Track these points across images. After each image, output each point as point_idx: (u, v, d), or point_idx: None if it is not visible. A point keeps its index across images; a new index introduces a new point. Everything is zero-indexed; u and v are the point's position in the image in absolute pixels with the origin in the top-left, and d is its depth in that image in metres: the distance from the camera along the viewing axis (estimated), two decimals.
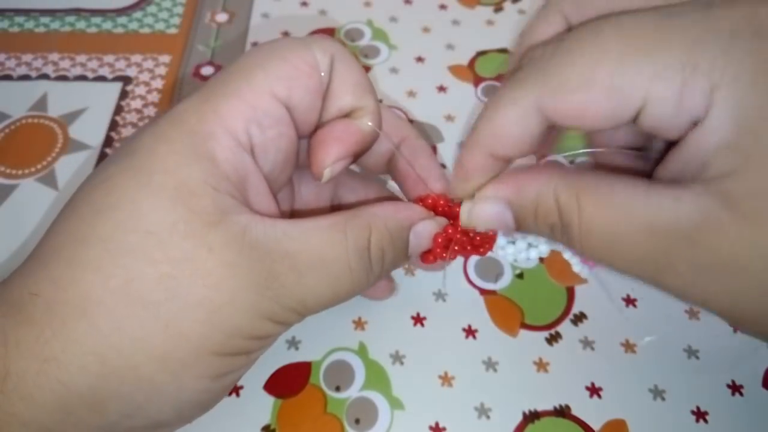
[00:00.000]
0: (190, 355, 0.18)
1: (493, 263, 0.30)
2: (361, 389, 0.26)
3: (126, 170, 0.18)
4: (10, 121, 0.35)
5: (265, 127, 0.20)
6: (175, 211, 0.18)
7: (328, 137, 0.21)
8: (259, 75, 0.20)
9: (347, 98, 0.21)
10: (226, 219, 0.18)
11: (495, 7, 0.41)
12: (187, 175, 0.18)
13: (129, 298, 0.17)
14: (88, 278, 0.17)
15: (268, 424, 0.25)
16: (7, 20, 0.40)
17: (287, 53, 0.20)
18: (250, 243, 0.18)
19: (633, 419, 0.25)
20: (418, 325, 0.28)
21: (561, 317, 0.28)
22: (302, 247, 0.19)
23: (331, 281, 0.20)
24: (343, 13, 0.40)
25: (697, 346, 0.27)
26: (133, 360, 0.17)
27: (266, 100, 0.20)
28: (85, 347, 0.17)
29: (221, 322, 0.18)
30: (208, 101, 0.19)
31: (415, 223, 0.22)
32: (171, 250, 0.17)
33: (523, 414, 0.25)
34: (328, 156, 0.21)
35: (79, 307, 0.17)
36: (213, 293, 0.18)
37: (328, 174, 0.21)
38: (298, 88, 0.20)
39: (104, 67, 0.38)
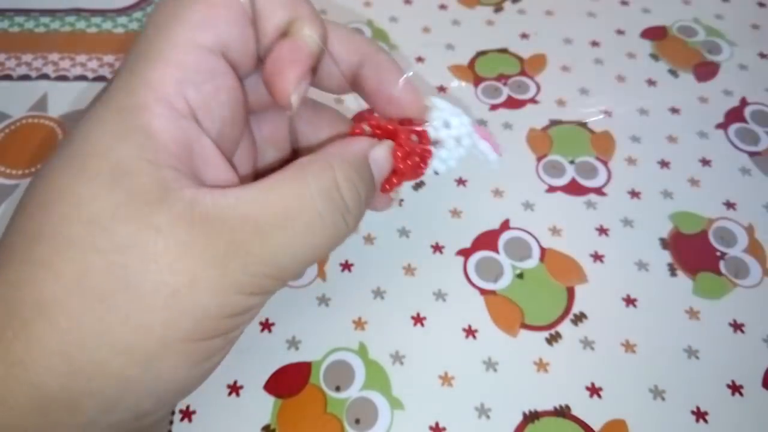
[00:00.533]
0: (157, 345, 0.17)
1: (493, 263, 0.30)
2: (361, 389, 0.26)
3: (62, 160, 0.18)
4: (10, 121, 0.35)
5: (201, 84, 0.18)
6: (114, 195, 0.17)
7: (280, 63, 0.20)
8: (176, 28, 0.18)
9: (278, 13, 0.20)
10: (170, 195, 0.17)
11: (495, 7, 0.41)
12: (121, 155, 0.17)
13: (83, 292, 0.16)
14: (40, 276, 0.16)
15: (268, 424, 0.25)
16: (7, 20, 0.40)
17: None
18: (201, 216, 0.17)
19: (633, 419, 0.25)
20: (418, 325, 0.28)
21: (561, 317, 0.28)
22: (262, 206, 0.18)
23: (302, 234, 0.18)
24: (343, 13, 0.40)
25: (697, 346, 0.27)
26: (98, 356, 0.16)
27: (194, 54, 0.18)
28: (48, 347, 0.16)
29: (184, 306, 0.17)
30: (133, 72, 0.18)
31: (368, 151, 0.21)
32: (116, 237, 0.16)
33: (523, 414, 0.25)
34: (288, 82, 0.20)
35: (36, 306, 0.16)
36: (168, 277, 0.17)
37: (296, 99, 0.20)
38: (221, 27, 0.19)
39: (104, 67, 0.38)
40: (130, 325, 0.17)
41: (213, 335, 0.18)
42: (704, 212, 0.32)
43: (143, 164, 0.17)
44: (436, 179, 0.33)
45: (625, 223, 0.31)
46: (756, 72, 0.38)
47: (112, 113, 0.18)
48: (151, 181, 0.17)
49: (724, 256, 0.30)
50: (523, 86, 0.37)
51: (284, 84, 0.20)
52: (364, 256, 0.30)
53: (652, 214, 0.32)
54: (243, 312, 0.19)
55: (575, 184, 0.33)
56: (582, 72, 0.38)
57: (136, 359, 0.17)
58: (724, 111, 0.36)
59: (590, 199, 0.32)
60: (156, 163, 0.17)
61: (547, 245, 0.30)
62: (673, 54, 0.39)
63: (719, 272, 0.30)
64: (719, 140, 0.35)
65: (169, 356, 0.17)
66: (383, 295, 0.29)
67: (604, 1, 0.42)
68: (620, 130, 0.35)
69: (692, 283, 0.29)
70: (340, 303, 0.28)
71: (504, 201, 0.32)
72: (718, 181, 0.33)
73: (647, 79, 0.37)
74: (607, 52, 0.39)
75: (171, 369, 0.17)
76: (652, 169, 0.33)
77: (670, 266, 0.30)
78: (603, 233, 0.31)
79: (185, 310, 0.17)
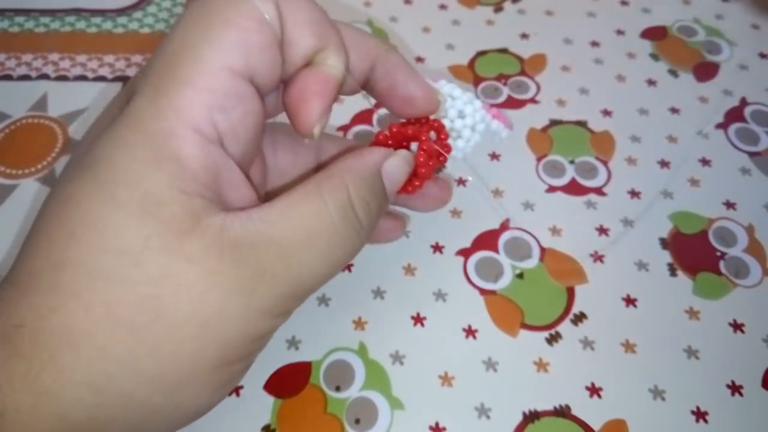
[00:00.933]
0: (183, 374, 0.17)
1: (493, 263, 0.30)
2: (361, 389, 0.26)
3: (87, 185, 0.17)
4: (10, 121, 0.35)
5: (229, 110, 0.18)
6: (145, 226, 0.17)
7: (306, 94, 0.20)
8: (207, 51, 0.18)
9: (307, 41, 0.19)
10: (201, 223, 0.17)
11: (495, 7, 0.41)
12: (151, 184, 0.17)
13: (112, 324, 0.16)
14: (68, 305, 0.16)
15: (268, 424, 0.25)
16: (7, 20, 0.40)
17: (228, 14, 0.18)
18: (230, 243, 0.17)
19: (633, 419, 0.25)
20: (418, 325, 0.28)
21: (561, 317, 0.28)
22: (284, 228, 0.18)
23: (323, 253, 0.19)
24: (343, 13, 0.40)
25: (697, 346, 0.27)
26: (126, 386, 0.17)
27: (223, 79, 0.18)
28: (75, 378, 0.16)
29: (213, 335, 0.17)
30: (160, 93, 0.18)
31: (382, 164, 0.21)
32: (148, 269, 0.16)
33: (523, 414, 0.25)
34: (313, 114, 0.20)
35: (63, 337, 0.16)
36: (199, 307, 0.17)
37: (318, 131, 0.20)
38: (253, 53, 0.18)
39: (104, 67, 0.38)
40: (160, 356, 0.17)
41: (236, 360, 0.18)
42: (704, 212, 0.32)
43: (175, 194, 0.17)
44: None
45: (625, 223, 0.31)
46: (756, 72, 0.38)
47: (140, 138, 0.17)
48: (183, 210, 0.17)
49: (724, 256, 0.30)
50: (523, 86, 0.37)
51: (308, 116, 0.20)
52: (364, 256, 0.29)
53: (652, 214, 0.32)
54: (266, 335, 0.19)
55: (575, 184, 0.33)
56: (582, 72, 0.38)
57: (163, 388, 0.17)
58: (724, 111, 0.36)
59: (590, 199, 0.32)
60: (187, 192, 0.17)
61: (547, 245, 0.30)
62: (673, 54, 0.39)
63: (719, 272, 0.30)
64: (719, 140, 0.35)
65: (194, 384, 0.17)
66: (383, 295, 0.29)
67: (604, 1, 0.42)
68: (620, 130, 0.35)
69: (692, 283, 0.29)
70: (340, 303, 0.28)
71: (504, 201, 0.32)
72: (718, 181, 0.33)
73: (647, 79, 0.37)
74: (607, 52, 0.39)
75: (194, 396, 0.18)
76: (652, 169, 0.33)
77: (670, 266, 0.30)
78: (603, 233, 0.31)
79: (213, 340, 0.17)
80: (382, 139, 0.23)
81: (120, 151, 0.17)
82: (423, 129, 0.23)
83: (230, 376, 0.19)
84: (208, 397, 0.18)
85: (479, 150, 0.34)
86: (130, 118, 0.18)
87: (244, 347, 0.18)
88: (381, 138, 0.23)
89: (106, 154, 0.18)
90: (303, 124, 0.20)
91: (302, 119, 0.20)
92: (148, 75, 0.19)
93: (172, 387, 0.17)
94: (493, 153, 0.34)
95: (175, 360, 0.17)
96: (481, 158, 0.33)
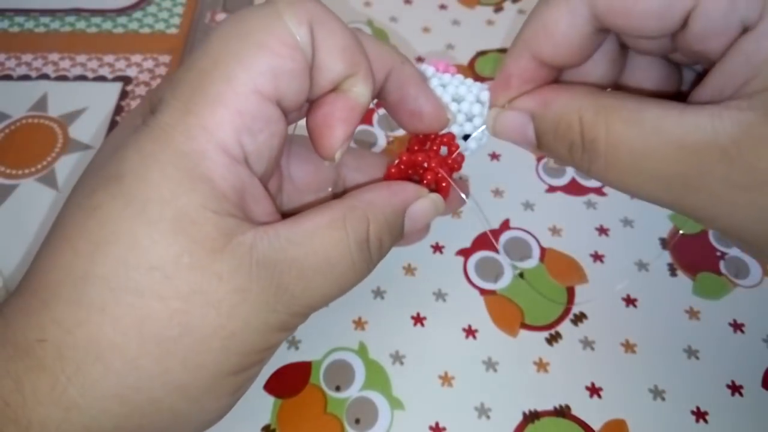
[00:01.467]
0: (208, 382, 0.18)
1: (493, 263, 0.30)
2: (361, 389, 0.26)
3: (116, 198, 0.17)
4: (10, 121, 0.35)
5: (257, 133, 0.19)
6: (177, 243, 0.17)
7: (331, 120, 0.20)
8: (239, 73, 0.18)
9: (338, 67, 0.20)
10: (231, 242, 0.18)
11: (495, 7, 0.41)
12: (185, 203, 0.17)
13: (142, 338, 0.17)
14: (95, 319, 0.17)
15: (268, 424, 0.25)
16: (7, 20, 0.40)
17: (263, 36, 0.18)
18: (257, 261, 0.18)
19: (633, 419, 0.25)
20: (418, 325, 0.28)
21: (561, 317, 0.28)
22: (307, 251, 0.19)
23: (336, 280, 0.20)
24: (343, 13, 0.40)
25: (697, 346, 0.27)
26: (153, 394, 0.17)
27: (253, 102, 0.18)
28: (104, 390, 0.17)
29: (236, 345, 0.18)
30: (191, 112, 0.18)
31: (409, 204, 0.22)
32: (179, 285, 0.17)
33: (523, 414, 0.25)
34: (336, 140, 0.20)
35: (91, 351, 0.17)
36: (226, 321, 0.18)
37: (340, 155, 0.20)
38: (284, 78, 0.19)
39: (104, 67, 0.38)
40: (187, 367, 0.17)
41: (251, 367, 0.19)
42: None
43: (208, 214, 0.18)
44: None
45: (625, 223, 0.31)
46: None
47: (171, 157, 0.18)
48: (216, 229, 0.18)
49: (724, 256, 0.30)
50: None
51: (331, 141, 0.20)
52: None
53: (652, 214, 0.31)
54: (276, 346, 0.20)
55: (575, 184, 0.33)
56: None
57: (189, 395, 0.18)
58: None
59: (590, 199, 0.32)
60: (218, 212, 0.18)
61: (547, 245, 0.30)
62: None
63: (719, 272, 0.30)
64: None
65: (216, 390, 0.18)
66: (383, 295, 0.29)
67: None
68: None
69: (692, 283, 0.29)
70: (340, 303, 0.28)
71: (504, 201, 0.32)
72: None
73: None
74: None
75: (215, 400, 0.19)
76: None
77: (670, 266, 0.30)
78: (603, 233, 0.31)
79: (236, 349, 0.18)
80: (395, 173, 0.23)
81: (151, 168, 0.18)
82: (434, 145, 0.22)
83: (245, 381, 0.20)
84: (227, 399, 0.19)
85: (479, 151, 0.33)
86: (158, 132, 0.18)
87: (257, 356, 0.19)
88: (393, 171, 0.23)
89: (135, 169, 0.18)
90: (325, 148, 0.20)
91: (325, 143, 0.20)
92: (176, 88, 0.19)
93: (197, 393, 0.18)
94: (493, 153, 0.34)
95: (201, 370, 0.18)
96: (481, 158, 0.33)
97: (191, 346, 0.17)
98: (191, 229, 0.17)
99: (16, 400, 0.16)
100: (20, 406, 0.16)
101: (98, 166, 0.19)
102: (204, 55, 0.19)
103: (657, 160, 0.17)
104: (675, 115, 0.17)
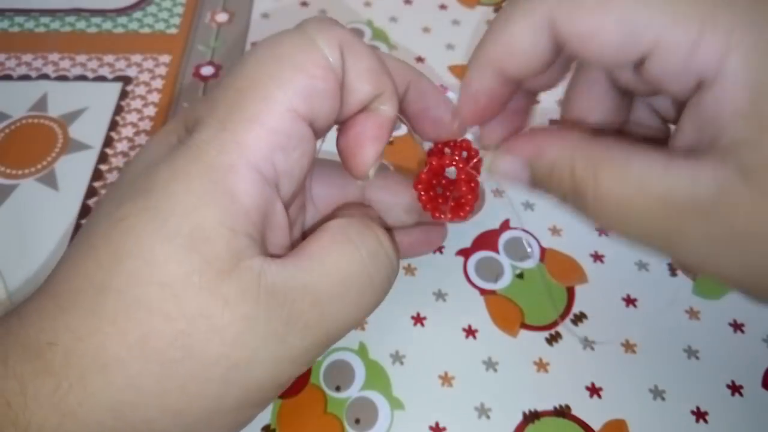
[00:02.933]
0: (206, 413, 0.17)
1: (493, 263, 0.30)
2: (361, 389, 0.26)
3: (142, 212, 0.18)
4: (10, 121, 0.35)
5: (290, 151, 0.19)
6: (189, 261, 0.17)
7: (363, 139, 0.20)
8: (276, 92, 0.18)
9: (366, 88, 0.20)
10: (240, 265, 0.17)
11: (495, 7, 0.41)
12: (202, 218, 0.17)
13: (145, 355, 0.17)
14: (104, 331, 0.17)
15: (268, 424, 0.25)
16: (7, 20, 0.40)
17: (298, 58, 0.19)
18: (266, 289, 0.18)
19: (633, 419, 0.25)
20: (418, 325, 0.28)
21: (561, 317, 0.28)
22: (319, 275, 0.19)
23: (355, 301, 0.19)
24: (343, 13, 0.40)
25: (697, 346, 0.27)
26: (147, 415, 0.17)
27: (288, 121, 0.19)
28: (101, 402, 0.17)
29: (239, 378, 0.17)
30: (226, 129, 0.18)
31: None
32: (186, 305, 0.17)
33: (523, 414, 0.25)
34: (369, 158, 0.20)
35: (96, 361, 0.17)
36: (230, 350, 0.17)
37: (373, 173, 0.21)
38: (318, 98, 0.19)
39: (104, 67, 0.38)
40: (186, 393, 0.17)
41: (256, 405, 0.19)
42: None
43: (223, 231, 0.17)
44: None
45: None
46: None
47: (200, 170, 0.18)
48: (226, 248, 0.17)
49: None
50: None
51: (365, 159, 0.20)
52: None
53: None
54: (288, 382, 0.19)
55: None
56: None
57: (184, 422, 0.17)
58: None
59: None
60: (234, 230, 0.18)
61: (547, 245, 0.30)
62: None
63: None
64: None
65: (213, 422, 0.18)
66: None
67: None
68: None
69: (692, 283, 0.29)
70: None
71: (504, 201, 0.32)
72: None
73: None
74: None
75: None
76: None
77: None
78: (603, 233, 0.31)
79: (238, 383, 0.17)
80: (425, 178, 0.23)
81: (178, 181, 0.18)
82: (455, 150, 0.23)
83: (245, 418, 0.19)
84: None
85: None
86: (192, 149, 0.18)
87: (266, 392, 0.19)
88: (424, 177, 0.23)
89: (163, 182, 0.18)
90: (358, 167, 0.21)
91: (358, 162, 0.20)
92: (214, 108, 0.19)
93: (193, 421, 0.17)
94: None
95: (200, 398, 0.17)
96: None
97: (192, 372, 0.17)
98: (204, 246, 0.17)
99: (18, 402, 0.16)
100: (21, 409, 0.16)
101: (130, 180, 0.19)
102: (241, 75, 0.19)
103: (642, 214, 0.17)
104: (659, 170, 0.17)
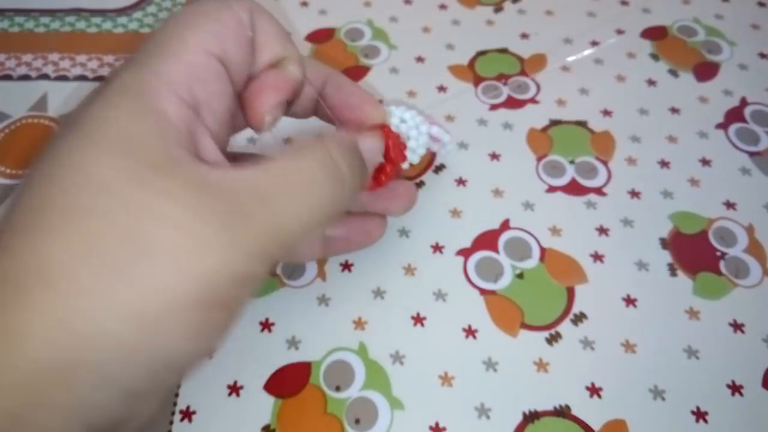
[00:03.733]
0: (161, 311, 0.16)
1: (493, 263, 0.30)
2: (361, 389, 0.26)
3: (70, 136, 0.18)
4: (10, 121, 0.35)
5: (206, 82, 0.20)
6: (125, 162, 0.17)
7: (263, 86, 0.22)
8: (188, 34, 0.20)
9: (273, 48, 0.22)
10: (180, 165, 0.18)
11: (495, 7, 0.41)
12: (132, 128, 0.18)
13: (90, 258, 0.16)
14: (45, 244, 0.16)
15: (268, 424, 0.25)
16: (7, 20, 0.40)
17: (212, 11, 0.21)
18: (209, 183, 0.18)
19: (633, 419, 0.25)
20: (418, 325, 0.28)
21: (561, 317, 0.28)
22: (264, 178, 0.19)
23: (304, 201, 0.19)
24: (343, 13, 0.40)
25: (697, 346, 0.27)
26: (104, 325, 0.16)
27: (203, 56, 0.20)
28: (47, 315, 0.16)
29: (191, 268, 0.17)
30: (143, 66, 0.19)
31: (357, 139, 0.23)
32: (128, 201, 0.17)
33: (523, 414, 0.25)
34: (266, 102, 0.22)
35: (42, 277, 0.16)
36: (178, 239, 0.17)
37: (269, 120, 0.22)
38: (229, 42, 0.21)
39: (104, 67, 0.38)
40: (137, 289, 0.16)
41: (215, 304, 0.17)
42: (704, 212, 0.32)
43: (154, 139, 0.18)
44: (436, 179, 0.33)
45: (625, 223, 0.31)
46: (756, 72, 0.38)
47: (123, 96, 0.19)
48: (162, 153, 0.18)
49: (724, 256, 0.30)
50: (523, 86, 0.37)
51: (261, 103, 0.22)
52: (364, 256, 0.30)
53: (652, 214, 0.32)
54: (246, 279, 0.18)
55: (575, 184, 0.33)
56: (582, 72, 0.38)
57: (139, 326, 0.16)
58: (724, 111, 0.36)
59: (590, 199, 0.32)
60: (166, 139, 0.18)
61: (547, 245, 0.30)
62: (673, 54, 0.39)
63: (719, 272, 0.30)
64: (719, 140, 0.35)
65: (171, 324, 0.17)
66: (383, 295, 0.29)
67: (604, 1, 0.42)
68: (620, 130, 0.35)
69: (692, 283, 0.29)
70: (340, 303, 0.28)
71: (504, 201, 0.32)
72: (718, 181, 0.33)
73: (647, 79, 0.37)
74: (607, 52, 0.39)
75: (171, 339, 0.17)
76: (652, 169, 0.33)
77: (670, 266, 0.30)
78: (603, 233, 0.31)
79: (192, 273, 0.17)
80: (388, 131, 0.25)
81: (102, 106, 0.18)
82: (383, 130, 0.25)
83: (208, 325, 0.18)
84: (185, 342, 0.17)
85: (479, 151, 0.34)
86: (116, 85, 0.19)
87: (223, 290, 0.17)
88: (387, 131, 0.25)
89: (92, 113, 0.18)
90: (254, 112, 0.22)
91: (253, 108, 0.22)
92: (135, 56, 0.20)
93: (147, 324, 0.16)
94: (493, 153, 0.34)
95: (152, 293, 0.16)
96: (481, 158, 0.33)
97: (141, 266, 0.16)
98: (140, 151, 0.17)
99: None
100: None
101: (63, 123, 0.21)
102: (159, 30, 0.21)
103: None
104: None
